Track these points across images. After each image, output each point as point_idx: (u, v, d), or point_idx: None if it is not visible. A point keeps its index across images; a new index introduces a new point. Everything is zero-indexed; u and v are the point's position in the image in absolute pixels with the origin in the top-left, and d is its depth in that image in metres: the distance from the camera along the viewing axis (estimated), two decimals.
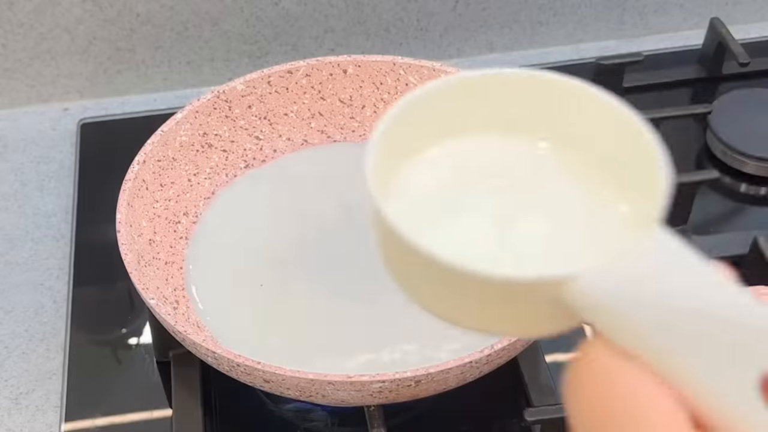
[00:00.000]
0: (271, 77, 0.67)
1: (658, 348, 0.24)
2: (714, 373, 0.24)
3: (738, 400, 0.23)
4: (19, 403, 0.60)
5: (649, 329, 0.24)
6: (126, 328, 0.63)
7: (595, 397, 0.25)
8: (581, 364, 0.26)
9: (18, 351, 0.63)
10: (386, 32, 0.80)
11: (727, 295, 0.25)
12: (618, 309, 0.25)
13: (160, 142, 0.63)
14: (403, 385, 0.51)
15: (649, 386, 0.24)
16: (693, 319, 0.24)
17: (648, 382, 0.24)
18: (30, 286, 0.66)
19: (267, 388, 0.52)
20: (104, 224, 0.61)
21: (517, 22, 0.81)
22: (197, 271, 0.61)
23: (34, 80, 0.79)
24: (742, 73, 0.77)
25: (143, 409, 0.59)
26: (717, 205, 0.69)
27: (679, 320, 0.24)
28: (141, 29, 0.77)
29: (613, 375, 0.25)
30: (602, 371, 0.25)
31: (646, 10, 0.83)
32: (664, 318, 0.24)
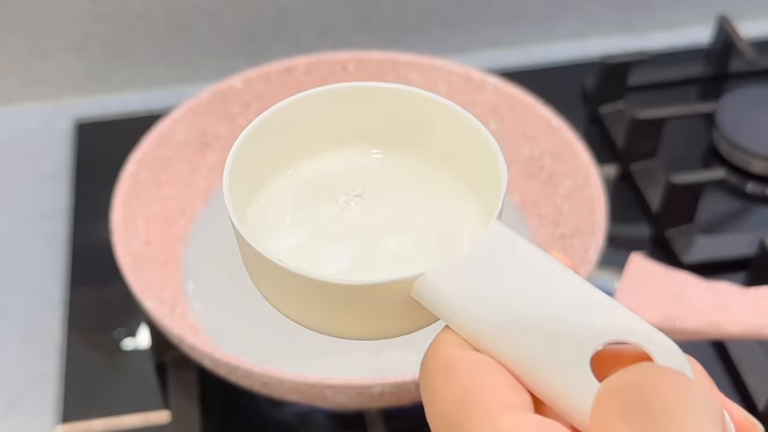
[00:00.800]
0: (270, 75, 0.67)
1: (497, 336, 0.26)
2: (549, 354, 0.25)
3: (571, 379, 0.25)
4: (13, 406, 0.60)
5: (488, 319, 0.26)
6: (122, 331, 0.63)
7: (442, 388, 0.26)
8: (429, 354, 0.27)
9: (12, 354, 0.63)
10: (387, 28, 0.80)
11: (563, 282, 0.27)
12: (458, 303, 0.27)
13: (156, 140, 0.63)
14: (404, 389, 0.51)
15: (489, 372, 0.26)
16: (527, 306, 0.26)
17: (488, 368, 0.26)
18: (25, 287, 0.66)
19: (266, 391, 0.52)
20: (100, 225, 0.61)
21: (521, 17, 0.81)
22: (195, 273, 0.61)
23: (28, 78, 0.78)
24: (749, 72, 0.77)
25: (140, 413, 0.59)
26: (723, 204, 0.69)
27: (515, 309, 0.26)
28: (137, 26, 0.77)
29: (455, 363, 0.26)
30: (446, 361, 0.26)
31: (652, 5, 0.83)
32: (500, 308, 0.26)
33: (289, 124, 0.31)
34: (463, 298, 0.26)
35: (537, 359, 0.26)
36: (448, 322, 0.27)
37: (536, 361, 0.26)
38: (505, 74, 0.70)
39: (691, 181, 0.64)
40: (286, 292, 0.29)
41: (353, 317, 0.28)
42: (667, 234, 0.65)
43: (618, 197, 0.68)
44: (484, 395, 0.25)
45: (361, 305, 0.28)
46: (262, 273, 0.29)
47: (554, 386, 0.25)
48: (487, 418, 0.25)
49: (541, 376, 0.25)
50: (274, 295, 0.30)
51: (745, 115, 0.72)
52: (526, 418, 0.25)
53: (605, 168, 0.69)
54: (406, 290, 0.27)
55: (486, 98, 0.66)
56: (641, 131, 0.69)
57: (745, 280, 0.63)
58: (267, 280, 0.30)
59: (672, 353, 0.25)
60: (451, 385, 0.26)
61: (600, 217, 0.57)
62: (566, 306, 0.26)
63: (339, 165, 0.32)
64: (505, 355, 0.26)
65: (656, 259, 0.62)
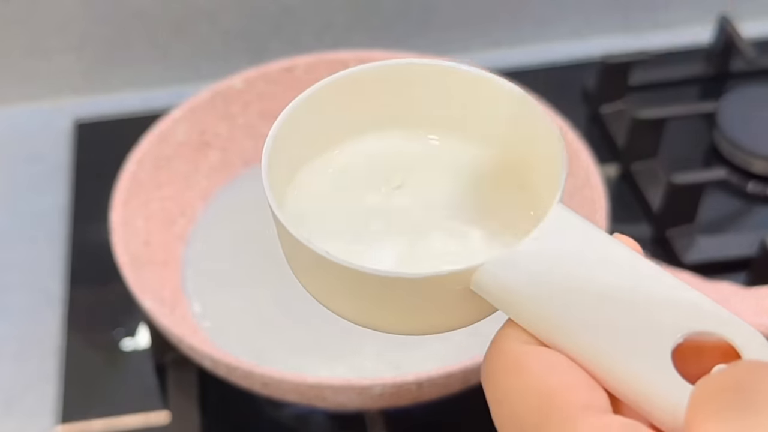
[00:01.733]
0: (270, 74, 0.67)
1: (568, 330, 0.24)
2: (627, 349, 0.24)
3: (652, 375, 0.23)
4: (12, 406, 0.60)
5: (557, 312, 0.24)
6: (122, 331, 0.63)
7: (510, 386, 0.25)
8: (494, 353, 0.25)
9: (12, 354, 0.63)
10: (389, 27, 0.80)
11: (635, 269, 0.25)
12: (524, 295, 0.25)
13: (156, 140, 0.62)
14: (404, 389, 0.51)
15: (564, 371, 0.24)
16: (600, 297, 0.24)
17: (562, 366, 0.24)
18: (24, 287, 0.66)
19: (266, 392, 0.52)
20: (99, 224, 0.61)
21: (521, 17, 0.81)
22: (194, 273, 0.61)
23: (27, 77, 0.78)
24: (750, 71, 0.77)
25: (140, 413, 0.59)
26: (724, 205, 0.69)
27: (587, 300, 0.24)
28: (136, 25, 0.77)
29: (526, 362, 0.25)
30: (515, 359, 0.25)
31: (652, 5, 0.83)
32: (570, 299, 0.24)
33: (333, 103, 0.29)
34: (528, 288, 0.24)
35: (613, 354, 0.24)
36: (512, 315, 0.25)
37: (612, 356, 0.24)
38: (505, 74, 0.69)
39: (691, 181, 0.64)
40: (335, 286, 0.27)
41: (407, 312, 0.26)
42: (668, 234, 0.65)
43: (618, 197, 0.68)
44: (561, 396, 0.23)
45: (416, 299, 0.26)
46: (305, 265, 0.27)
47: (633, 383, 0.23)
48: (568, 422, 0.23)
49: (618, 373, 0.24)
50: (319, 289, 0.28)
51: (746, 114, 0.72)
52: (608, 419, 0.23)
53: (606, 168, 0.69)
54: (465, 282, 0.25)
55: None
56: (642, 131, 0.69)
57: (746, 280, 0.63)
58: (312, 274, 0.27)
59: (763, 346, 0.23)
60: (524, 385, 0.24)
61: (600, 217, 0.57)
62: (642, 295, 0.24)
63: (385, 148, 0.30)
64: (576, 351, 0.24)
65: (657, 260, 0.62)
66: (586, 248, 0.25)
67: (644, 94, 0.76)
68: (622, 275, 0.24)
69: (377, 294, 0.26)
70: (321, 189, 0.29)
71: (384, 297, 0.26)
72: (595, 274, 0.24)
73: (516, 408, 0.24)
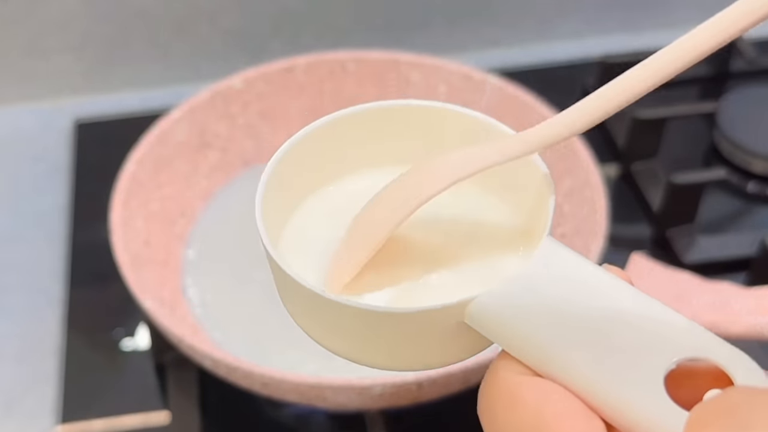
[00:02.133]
0: (270, 75, 0.66)
1: (561, 361, 0.25)
2: (620, 377, 0.24)
3: (646, 402, 0.24)
4: (12, 406, 0.60)
5: (550, 343, 0.25)
6: (122, 331, 0.63)
7: (506, 419, 0.25)
8: (489, 385, 0.26)
9: (12, 354, 0.63)
10: (389, 27, 0.80)
11: (625, 299, 0.25)
12: (517, 326, 0.25)
13: (156, 140, 0.62)
14: (404, 389, 0.50)
15: (558, 400, 0.24)
16: (592, 327, 0.25)
17: (557, 395, 0.24)
18: (23, 287, 0.66)
19: (266, 392, 0.52)
20: (99, 224, 0.61)
21: (521, 17, 0.81)
22: (194, 273, 0.61)
23: (27, 77, 0.78)
24: (750, 71, 0.77)
25: (140, 413, 0.59)
26: (724, 204, 0.69)
27: (578, 330, 0.25)
28: (136, 25, 0.77)
29: (521, 393, 0.25)
30: (509, 390, 0.25)
31: (652, 5, 0.82)
32: (562, 330, 0.25)
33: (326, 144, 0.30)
34: (521, 320, 0.25)
35: (606, 382, 0.24)
36: (506, 347, 0.25)
37: (605, 385, 0.24)
38: (505, 74, 0.69)
39: (691, 180, 0.64)
40: (329, 323, 0.27)
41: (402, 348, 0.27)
42: (668, 234, 0.65)
43: (618, 197, 0.68)
44: (557, 426, 0.24)
45: (410, 334, 0.26)
46: (300, 304, 0.28)
47: (627, 411, 0.24)
48: None
49: (613, 401, 0.24)
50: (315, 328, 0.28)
51: (746, 114, 0.72)
52: None
53: (606, 168, 0.69)
54: (459, 316, 0.26)
55: (486, 98, 0.66)
56: (642, 131, 0.69)
57: (746, 280, 0.63)
58: (307, 312, 0.28)
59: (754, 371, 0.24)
60: (519, 415, 0.24)
61: (600, 217, 0.57)
62: (633, 324, 0.25)
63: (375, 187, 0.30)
64: (570, 380, 0.24)
65: (657, 259, 0.62)
66: (577, 279, 0.25)
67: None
68: (613, 305, 0.25)
69: (372, 330, 0.26)
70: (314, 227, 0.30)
71: (378, 333, 0.26)
72: (586, 305, 0.25)
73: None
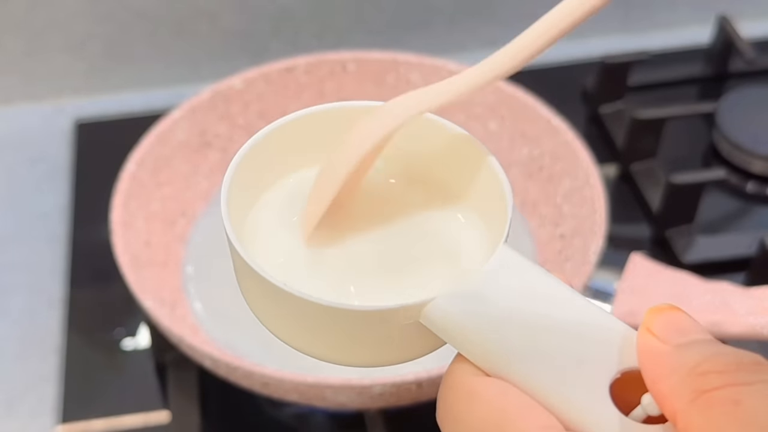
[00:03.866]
0: (270, 75, 0.66)
1: (513, 364, 0.25)
2: (568, 382, 0.25)
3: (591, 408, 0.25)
4: (13, 406, 0.60)
5: (502, 346, 0.26)
6: (122, 331, 0.62)
7: (467, 417, 0.25)
8: (447, 388, 0.26)
9: (12, 354, 0.63)
10: (388, 27, 0.80)
11: (575, 307, 0.26)
12: (471, 329, 0.26)
13: (156, 140, 0.62)
14: (404, 389, 0.50)
15: (517, 395, 0.25)
16: (542, 333, 0.26)
17: (514, 391, 0.25)
18: (24, 287, 0.66)
19: (266, 391, 0.52)
20: (100, 225, 0.60)
21: (521, 16, 0.80)
22: (195, 273, 0.61)
23: (27, 77, 0.78)
24: (749, 71, 0.77)
25: (140, 413, 0.59)
26: (723, 205, 0.69)
27: (529, 336, 0.26)
28: (137, 25, 0.77)
29: (478, 392, 0.25)
30: (467, 390, 0.26)
31: (652, 5, 0.83)
32: (514, 334, 0.26)
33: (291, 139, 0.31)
34: (475, 323, 0.26)
35: (553, 385, 0.25)
36: (460, 348, 0.26)
37: (553, 388, 0.25)
38: None
39: (691, 181, 0.64)
40: (287, 317, 0.28)
41: (358, 344, 0.28)
42: (667, 234, 0.65)
43: (618, 197, 0.68)
44: (519, 419, 0.24)
45: (367, 331, 0.27)
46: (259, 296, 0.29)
47: (574, 415, 0.25)
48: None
49: (559, 403, 0.25)
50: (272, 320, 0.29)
51: (745, 115, 0.72)
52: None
53: (605, 168, 0.69)
54: (415, 316, 0.26)
55: (486, 98, 0.66)
56: (641, 131, 0.69)
57: (745, 280, 0.63)
58: (265, 305, 0.29)
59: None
60: (480, 413, 0.25)
61: (600, 217, 0.57)
62: (581, 332, 0.26)
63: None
64: (521, 383, 0.25)
65: (656, 259, 0.62)
66: (530, 287, 0.26)
67: (644, 95, 0.76)
68: (563, 313, 0.26)
69: (329, 325, 0.27)
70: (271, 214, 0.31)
71: (335, 328, 0.27)
72: (537, 312, 0.26)
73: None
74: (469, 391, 0.25)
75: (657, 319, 0.25)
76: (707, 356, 0.24)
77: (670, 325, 0.25)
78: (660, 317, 0.25)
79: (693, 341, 0.24)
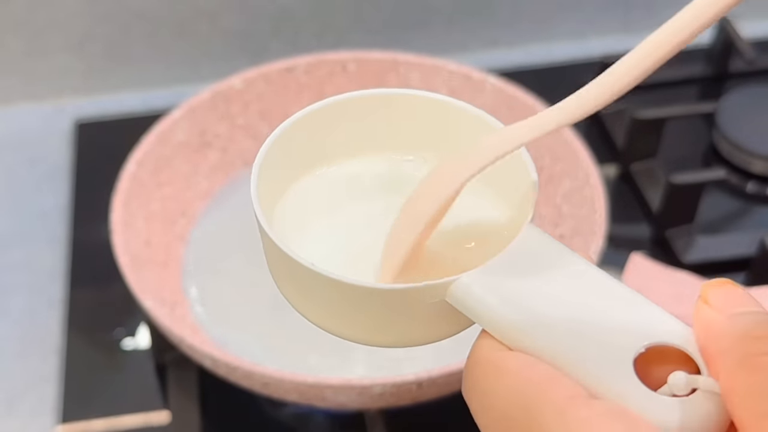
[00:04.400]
0: (270, 75, 0.66)
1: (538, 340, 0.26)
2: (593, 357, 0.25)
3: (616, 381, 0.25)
4: (13, 406, 0.60)
5: (527, 324, 0.26)
6: (122, 331, 0.62)
7: (494, 390, 0.26)
8: (472, 363, 0.27)
9: (12, 354, 0.63)
10: (388, 27, 0.80)
11: (600, 284, 0.27)
12: (496, 307, 0.26)
13: (156, 140, 0.62)
14: (404, 389, 0.50)
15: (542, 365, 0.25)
16: (567, 311, 0.26)
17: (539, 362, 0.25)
18: (24, 288, 0.66)
19: (266, 391, 0.52)
20: (100, 225, 0.60)
21: (521, 17, 0.81)
22: (195, 273, 0.61)
23: (28, 77, 0.78)
24: (749, 71, 0.77)
25: (140, 413, 0.59)
26: (724, 205, 0.69)
27: (554, 313, 0.26)
28: (137, 25, 0.77)
29: (505, 365, 0.26)
30: (494, 364, 0.26)
31: (652, 5, 0.82)
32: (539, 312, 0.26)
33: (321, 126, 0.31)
34: (502, 301, 0.26)
35: (579, 362, 0.25)
36: (486, 326, 0.27)
37: (578, 364, 0.25)
38: (505, 74, 0.69)
39: (691, 181, 0.64)
40: (315, 296, 0.28)
41: (385, 323, 0.28)
42: (667, 234, 0.65)
43: (618, 197, 0.68)
44: (546, 389, 0.25)
45: (394, 311, 0.27)
46: (289, 276, 0.29)
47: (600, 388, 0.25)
48: (559, 411, 0.24)
49: (585, 378, 0.25)
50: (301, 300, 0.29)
51: (746, 115, 0.72)
52: (596, 406, 0.24)
53: (605, 168, 0.69)
54: (441, 294, 0.27)
55: (486, 98, 0.66)
56: (641, 131, 0.69)
57: (745, 280, 0.63)
58: (295, 285, 0.29)
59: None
60: (507, 385, 0.25)
61: (600, 217, 0.57)
62: (606, 308, 0.26)
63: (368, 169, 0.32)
64: (546, 356, 0.26)
65: (656, 259, 0.62)
66: (555, 265, 0.27)
67: (644, 95, 0.75)
68: (588, 290, 0.27)
69: (358, 305, 0.27)
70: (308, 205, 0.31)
71: (364, 308, 0.28)
72: (561, 287, 0.26)
73: (504, 410, 0.25)
74: (496, 365, 0.26)
75: (713, 292, 0.26)
76: (760, 323, 0.24)
77: (726, 298, 0.25)
78: (716, 290, 0.26)
79: (748, 311, 0.25)
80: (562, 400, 0.24)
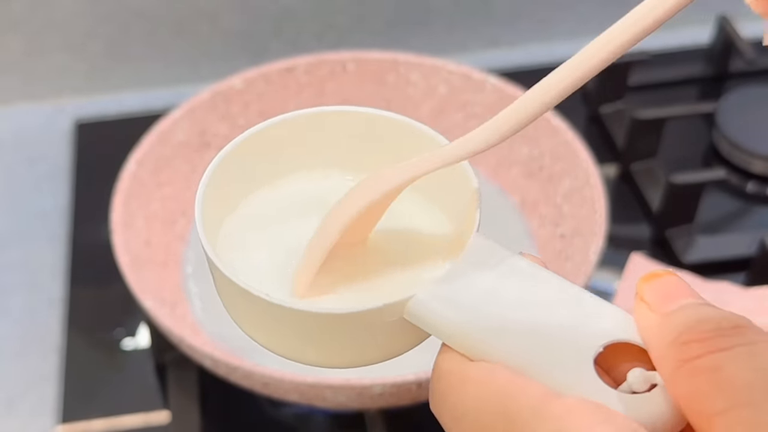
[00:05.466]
0: (270, 75, 0.66)
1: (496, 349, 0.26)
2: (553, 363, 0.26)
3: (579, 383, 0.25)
4: (13, 406, 0.60)
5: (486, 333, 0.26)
6: (122, 331, 0.62)
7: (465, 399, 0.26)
8: (438, 377, 0.27)
9: (12, 353, 0.63)
10: (388, 28, 0.80)
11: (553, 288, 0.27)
12: (453, 319, 0.26)
13: (156, 140, 0.62)
14: (404, 389, 0.50)
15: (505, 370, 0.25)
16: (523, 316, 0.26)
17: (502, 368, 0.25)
18: (24, 287, 0.66)
19: (266, 391, 0.52)
20: (100, 224, 0.61)
21: (521, 16, 0.81)
22: (195, 273, 0.61)
23: (28, 77, 0.78)
24: (749, 71, 0.77)
25: (140, 413, 0.59)
26: (724, 205, 0.69)
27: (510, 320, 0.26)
28: (137, 25, 0.77)
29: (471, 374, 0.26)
30: (459, 375, 0.26)
31: None
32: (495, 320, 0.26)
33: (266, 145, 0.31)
34: (456, 312, 0.26)
35: (541, 365, 0.26)
36: (446, 340, 0.27)
37: (540, 367, 0.26)
38: (505, 74, 0.69)
39: (691, 181, 0.64)
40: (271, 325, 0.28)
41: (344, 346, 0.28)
42: (667, 234, 0.65)
43: (618, 197, 0.68)
44: (518, 392, 0.25)
45: (353, 333, 0.27)
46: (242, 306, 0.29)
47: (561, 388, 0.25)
48: (535, 411, 0.24)
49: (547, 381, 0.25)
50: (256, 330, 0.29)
51: (745, 115, 0.72)
52: (571, 401, 0.24)
53: (605, 168, 0.69)
54: (398, 313, 0.27)
55: (486, 98, 0.66)
56: (641, 131, 0.69)
57: (745, 280, 0.63)
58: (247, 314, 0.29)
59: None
60: (477, 395, 0.25)
61: (600, 217, 0.57)
62: (561, 311, 0.26)
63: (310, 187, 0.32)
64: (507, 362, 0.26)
65: (656, 259, 0.62)
66: (507, 272, 0.27)
67: (644, 95, 0.76)
68: (539, 291, 0.27)
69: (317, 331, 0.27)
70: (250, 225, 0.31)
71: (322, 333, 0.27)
72: (514, 293, 0.27)
73: (476, 419, 0.25)
74: (460, 377, 0.26)
75: (647, 287, 0.26)
76: (690, 325, 0.24)
77: (659, 292, 0.25)
78: (650, 285, 0.26)
79: (680, 308, 0.25)
80: (535, 398, 0.24)
